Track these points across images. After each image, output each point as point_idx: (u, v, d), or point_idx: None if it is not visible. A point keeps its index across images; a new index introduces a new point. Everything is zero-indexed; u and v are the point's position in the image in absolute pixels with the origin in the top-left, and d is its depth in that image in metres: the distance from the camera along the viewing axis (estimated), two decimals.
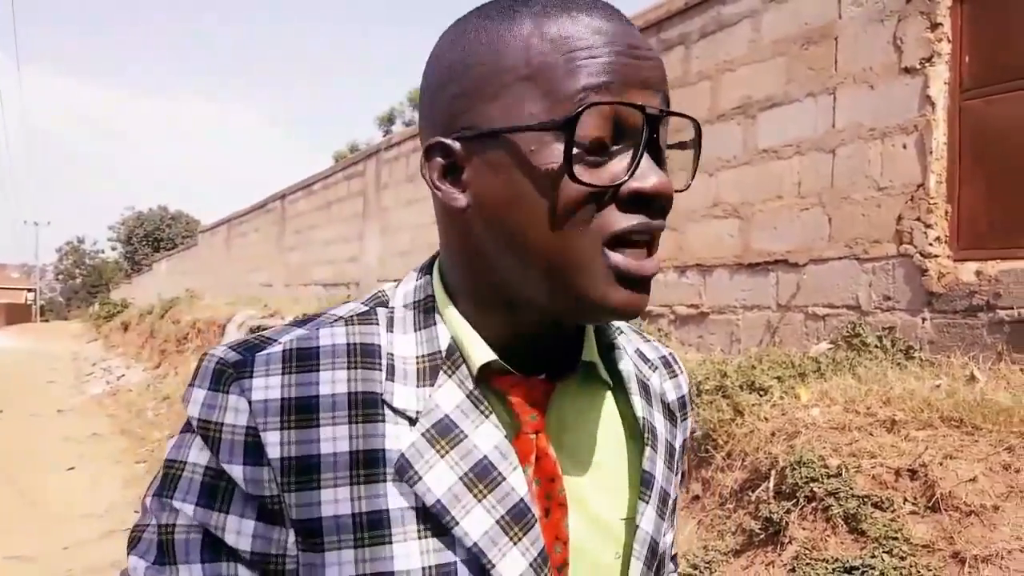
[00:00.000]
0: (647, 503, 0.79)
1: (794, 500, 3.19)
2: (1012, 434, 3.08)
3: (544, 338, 0.76)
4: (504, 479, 0.71)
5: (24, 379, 17.37)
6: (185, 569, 0.66)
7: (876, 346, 4.46)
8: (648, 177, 0.67)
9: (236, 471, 0.66)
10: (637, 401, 0.83)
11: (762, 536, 3.24)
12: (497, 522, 0.69)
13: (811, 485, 3.14)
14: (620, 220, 0.67)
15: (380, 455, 0.69)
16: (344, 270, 13.27)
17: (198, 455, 0.68)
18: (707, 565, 3.30)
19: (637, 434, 0.82)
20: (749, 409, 3.86)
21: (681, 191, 0.72)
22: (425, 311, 0.76)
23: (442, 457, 0.69)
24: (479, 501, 0.69)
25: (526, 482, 0.72)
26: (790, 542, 3.09)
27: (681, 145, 0.76)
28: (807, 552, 2.98)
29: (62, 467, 8.49)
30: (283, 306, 13.51)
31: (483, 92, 0.69)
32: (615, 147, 0.68)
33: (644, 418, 0.82)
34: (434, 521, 0.68)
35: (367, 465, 0.68)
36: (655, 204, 0.68)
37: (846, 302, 4.85)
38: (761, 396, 3.96)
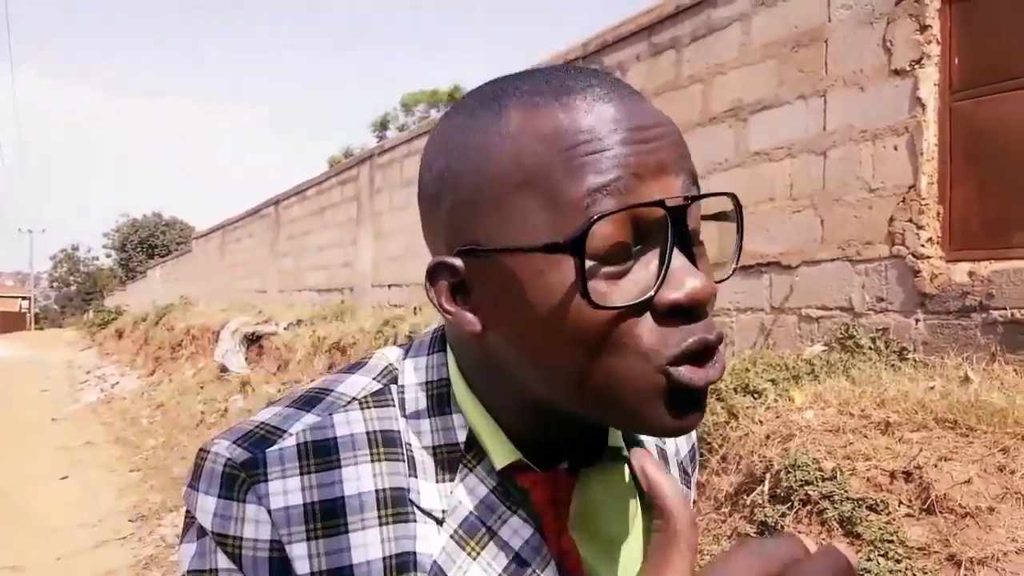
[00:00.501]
0: None
1: (789, 504, 3.18)
2: (1007, 435, 3.08)
3: (572, 435, 0.71)
4: None
5: (18, 387, 17.30)
6: None
7: (870, 348, 4.46)
8: (683, 282, 0.58)
9: None
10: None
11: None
12: None
13: (806, 488, 3.14)
14: (664, 336, 0.58)
15: (412, 559, 0.64)
16: (338, 275, 13.26)
17: (227, 562, 0.62)
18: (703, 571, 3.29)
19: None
20: (743, 412, 3.85)
21: (723, 281, 0.65)
22: (439, 395, 0.70)
23: (474, 560, 0.65)
24: None
25: None
26: None
27: (718, 216, 0.66)
28: None
29: (55, 476, 8.45)
30: (277, 312, 13.50)
31: (477, 205, 0.61)
32: (638, 247, 0.59)
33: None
34: None
35: (400, 571, 0.64)
36: (698, 310, 0.59)
37: (839, 304, 4.85)
38: (755, 399, 3.96)
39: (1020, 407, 3.24)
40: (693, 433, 0.90)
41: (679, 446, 0.88)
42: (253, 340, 12.21)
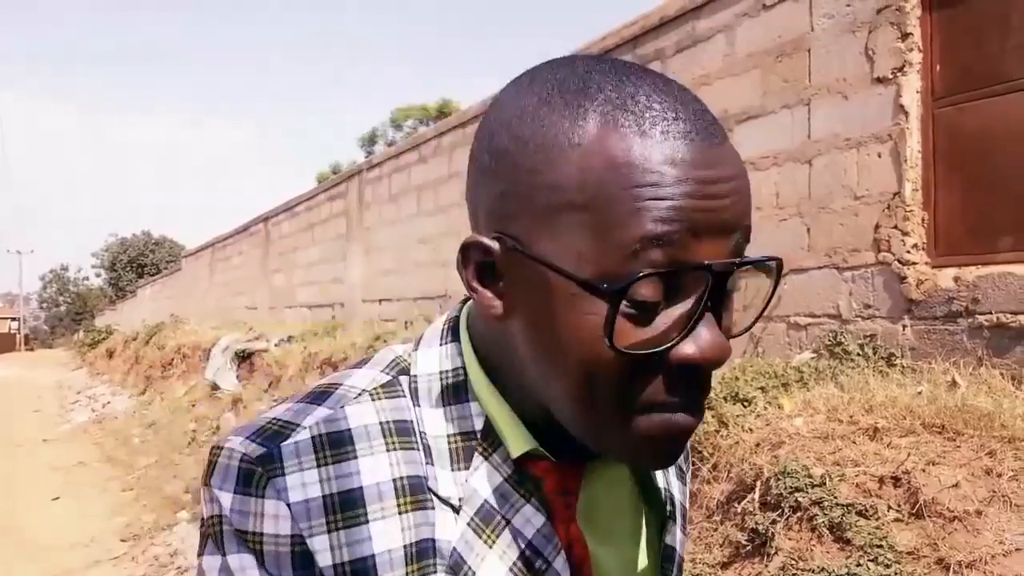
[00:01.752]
0: None
1: (779, 511, 3.19)
2: (994, 439, 3.10)
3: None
4: (549, 565, 0.68)
5: (9, 408, 17.22)
6: None
7: (858, 354, 4.48)
8: (702, 341, 0.58)
9: None
10: (658, 473, 0.81)
11: (749, 548, 3.25)
12: None
13: (796, 495, 3.15)
14: (664, 388, 0.60)
15: (431, 545, 0.65)
16: (328, 291, 13.25)
17: (245, 571, 0.61)
18: None
19: (654, 502, 0.82)
20: (734, 420, 3.87)
21: (739, 335, 0.64)
22: (455, 384, 0.70)
23: (490, 548, 0.66)
24: None
25: (567, 568, 0.69)
26: (776, 553, 3.09)
27: (757, 264, 0.63)
28: (793, 563, 2.99)
29: (47, 496, 8.41)
30: (268, 329, 13.47)
31: (530, 205, 0.60)
32: (672, 296, 0.58)
33: (665, 489, 0.82)
34: None
35: (419, 558, 0.64)
36: (707, 368, 0.60)
37: (827, 311, 4.88)
38: (745, 407, 3.97)
39: (1007, 411, 3.26)
40: None
41: None
42: (244, 357, 12.19)
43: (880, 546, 2.79)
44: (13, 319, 73.74)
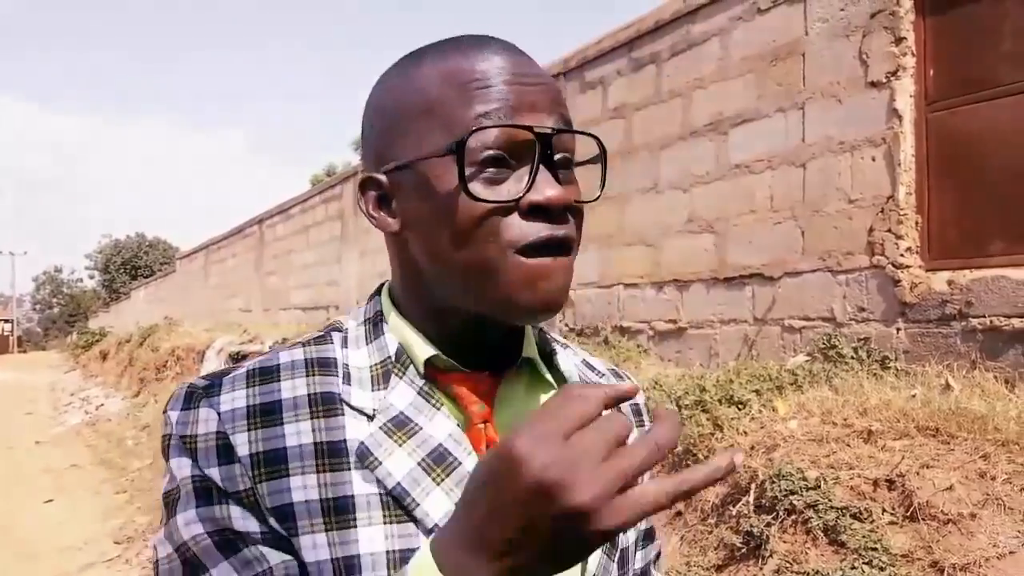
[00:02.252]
0: None
1: (774, 513, 3.20)
2: (987, 442, 3.12)
3: (482, 338, 0.81)
4: (460, 463, 0.75)
5: (1, 410, 17.16)
6: (216, 571, 0.69)
7: (852, 357, 4.49)
8: (544, 190, 0.72)
9: (213, 472, 0.71)
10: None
11: (744, 550, 3.25)
12: (456, 504, 0.70)
13: (791, 498, 3.15)
14: (524, 229, 0.73)
15: (343, 445, 0.74)
16: (323, 293, 13.24)
17: (181, 468, 0.73)
18: None
19: None
20: (728, 423, 3.88)
21: (588, 202, 0.79)
22: (375, 325, 0.83)
23: (400, 446, 0.74)
24: (438, 484, 0.73)
25: None
26: (771, 556, 3.10)
27: (594, 161, 0.83)
28: (788, 565, 2.99)
29: (41, 499, 8.39)
30: (262, 331, 13.44)
31: (396, 129, 0.78)
32: (516, 165, 0.74)
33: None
34: (397, 505, 0.72)
35: (331, 455, 0.73)
36: (554, 213, 0.74)
37: (821, 314, 4.89)
38: (740, 410, 3.98)
39: (1000, 414, 3.28)
40: (637, 393, 0.95)
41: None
42: (238, 359, 12.16)
43: (874, 549, 2.80)
44: (6, 321, 73.48)
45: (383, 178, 0.79)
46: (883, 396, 3.71)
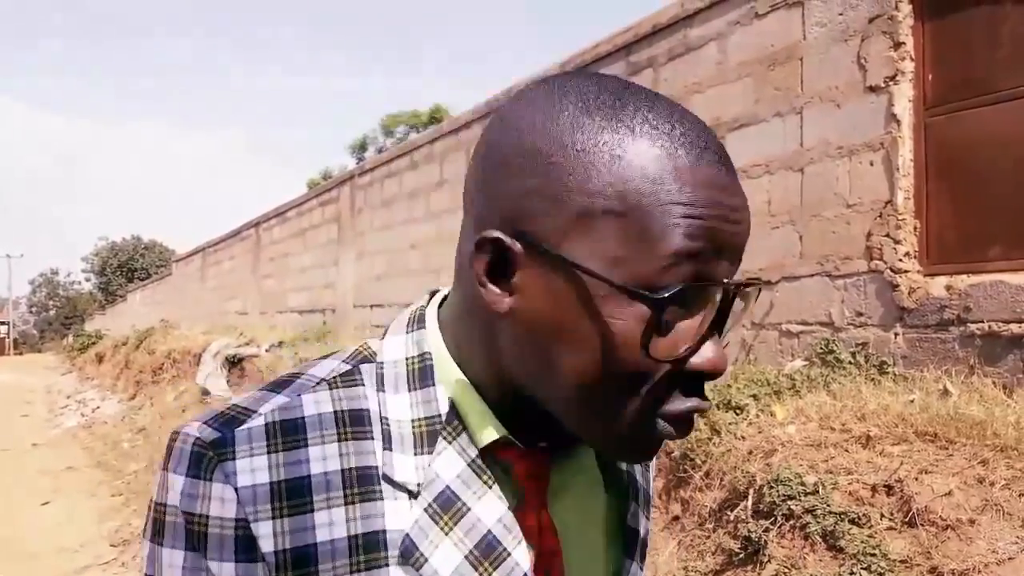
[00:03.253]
0: (632, 560, 0.80)
1: (772, 519, 3.20)
2: (986, 447, 3.11)
3: (552, 426, 0.71)
4: (509, 555, 0.67)
5: None
6: None
7: (850, 362, 4.49)
8: (708, 354, 0.62)
9: (227, 569, 0.61)
10: None
11: (741, 555, 3.25)
12: None
13: (788, 503, 3.15)
14: (678, 399, 0.63)
15: (381, 537, 0.64)
16: (320, 296, 13.22)
17: (172, 564, 0.62)
18: None
19: (618, 484, 0.82)
20: (726, 428, 3.87)
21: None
22: (420, 369, 0.70)
23: (446, 535, 0.66)
24: None
25: (529, 558, 0.69)
26: (769, 561, 3.09)
27: (748, 284, 0.67)
28: (786, 571, 2.99)
29: (37, 502, 8.36)
30: (259, 334, 13.43)
31: (564, 207, 0.61)
32: (687, 308, 0.63)
33: (628, 472, 0.82)
34: None
35: (367, 550, 0.64)
36: (708, 379, 0.64)
37: (819, 319, 4.88)
38: (738, 414, 3.98)
39: (999, 419, 3.27)
40: None
41: None
42: (235, 362, 12.14)
43: (873, 554, 2.79)
44: (2, 323, 73.30)
45: (516, 246, 0.63)
46: (881, 401, 3.71)
